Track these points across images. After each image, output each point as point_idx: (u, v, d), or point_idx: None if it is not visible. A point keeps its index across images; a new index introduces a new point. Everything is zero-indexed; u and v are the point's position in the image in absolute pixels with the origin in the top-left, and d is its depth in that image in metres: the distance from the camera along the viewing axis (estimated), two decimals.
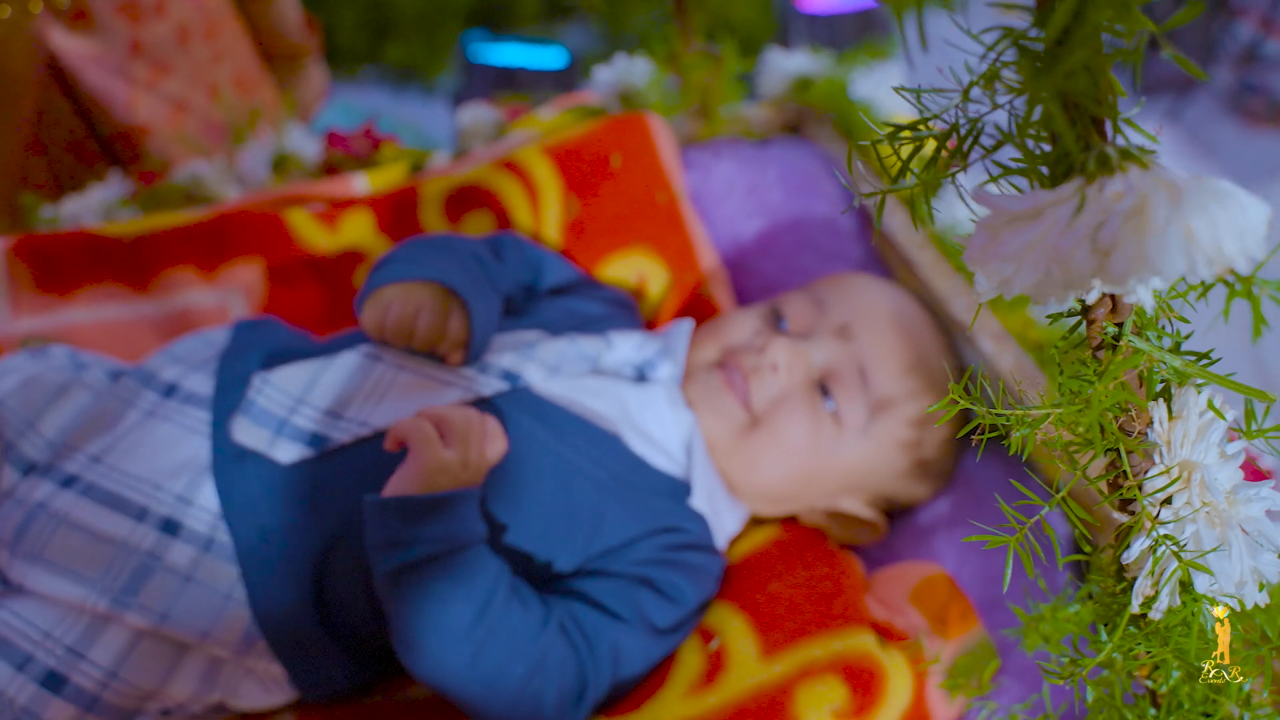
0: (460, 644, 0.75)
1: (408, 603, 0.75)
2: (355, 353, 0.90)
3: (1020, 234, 0.43)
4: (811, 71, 1.41)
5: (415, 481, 0.75)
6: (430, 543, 0.75)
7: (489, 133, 1.34)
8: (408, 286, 0.89)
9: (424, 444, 0.76)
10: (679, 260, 1.14)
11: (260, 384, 0.88)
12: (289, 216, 1.14)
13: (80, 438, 0.88)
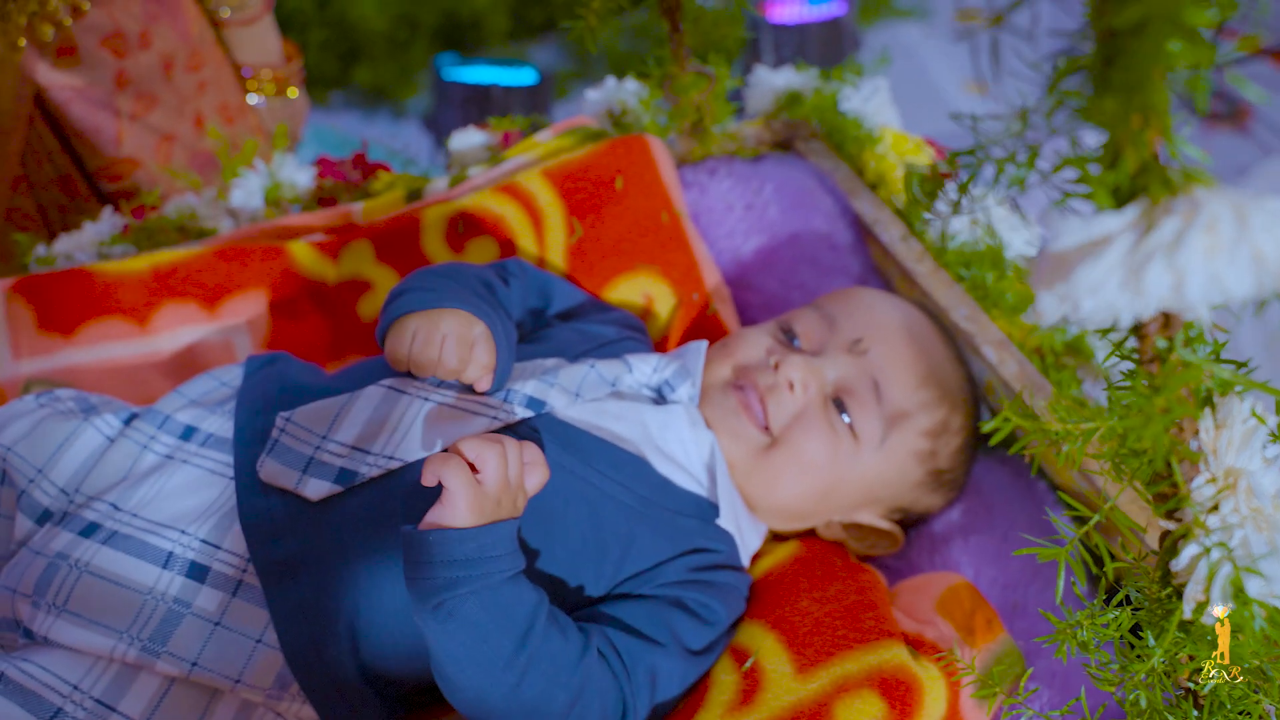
0: (502, 674, 0.75)
1: (448, 634, 0.74)
2: (378, 386, 0.89)
3: (1093, 260, 0.44)
4: (799, 87, 1.42)
5: (454, 514, 0.75)
6: (470, 575, 0.74)
7: (481, 157, 1.34)
8: (430, 315, 0.88)
9: (461, 478, 0.75)
10: (684, 280, 1.14)
11: (283, 423, 0.87)
12: (290, 248, 1.13)
13: (96, 484, 0.87)
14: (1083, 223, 0.45)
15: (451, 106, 2.68)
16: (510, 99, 2.68)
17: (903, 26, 3.81)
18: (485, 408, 0.89)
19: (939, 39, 3.83)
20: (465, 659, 0.75)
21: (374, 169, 1.33)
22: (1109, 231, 0.44)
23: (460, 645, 0.74)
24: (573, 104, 3.14)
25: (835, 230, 1.27)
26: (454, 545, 0.74)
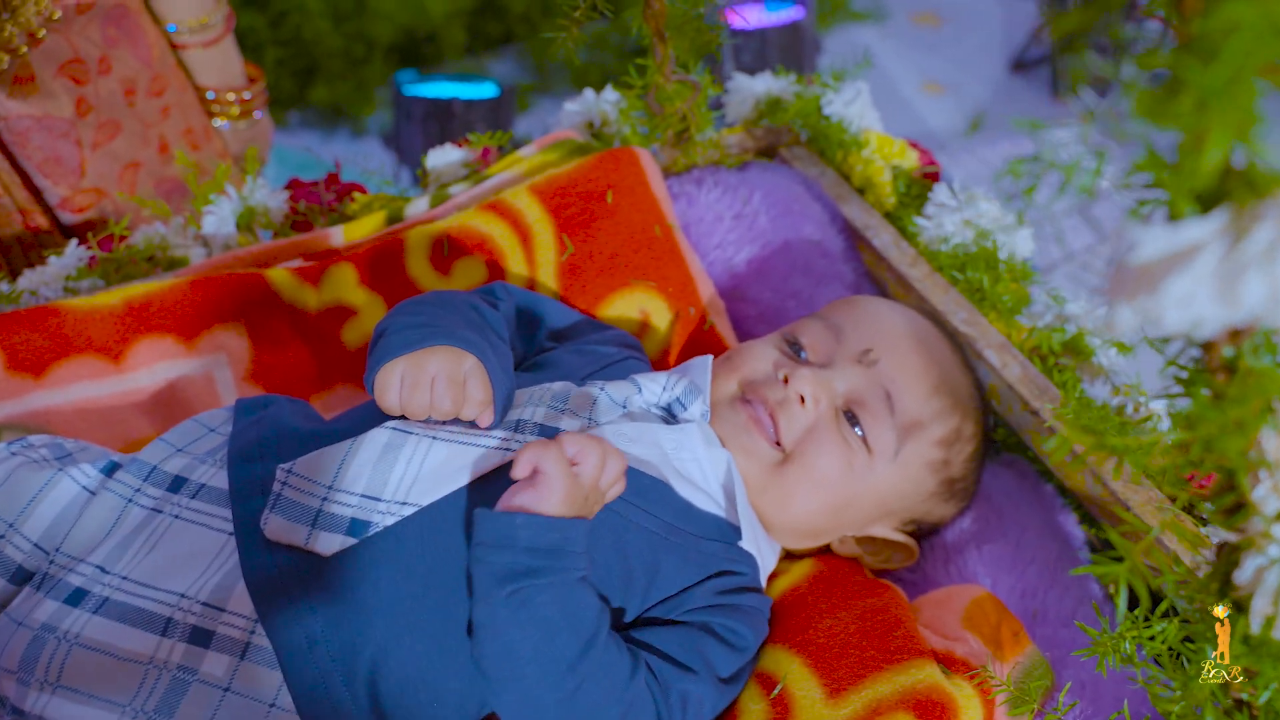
0: (562, 679, 0.73)
1: (517, 624, 0.72)
2: (382, 429, 0.84)
3: (1181, 271, 0.41)
4: (779, 92, 1.40)
5: (548, 501, 0.74)
6: (551, 566, 0.73)
7: (458, 174, 1.30)
8: (416, 357, 0.84)
9: (562, 467, 0.74)
10: (680, 294, 1.11)
11: (285, 475, 0.82)
12: (268, 275, 1.09)
13: (77, 542, 0.81)
14: (1166, 232, 0.43)
15: (412, 123, 2.64)
16: (472, 113, 2.64)
17: (860, 29, 3.82)
18: (496, 441, 0.85)
19: (895, 40, 3.84)
20: (528, 656, 0.73)
21: (348, 190, 1.29)
22: (1196, 240, 0.41)
23: (526, 640, 0.73)
24: (534, 117, 3.10)
25: (826, 237, 1.25)
26: (542, 531, 0.73)
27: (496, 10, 3.09)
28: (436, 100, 2.61)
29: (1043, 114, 3.55)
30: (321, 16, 2.69)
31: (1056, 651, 0.94)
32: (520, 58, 3.24)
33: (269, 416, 0.88)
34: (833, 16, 3.75)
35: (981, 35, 3.87)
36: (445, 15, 2.92)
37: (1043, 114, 3.55)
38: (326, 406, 1.08)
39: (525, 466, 0.75)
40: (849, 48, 3.71)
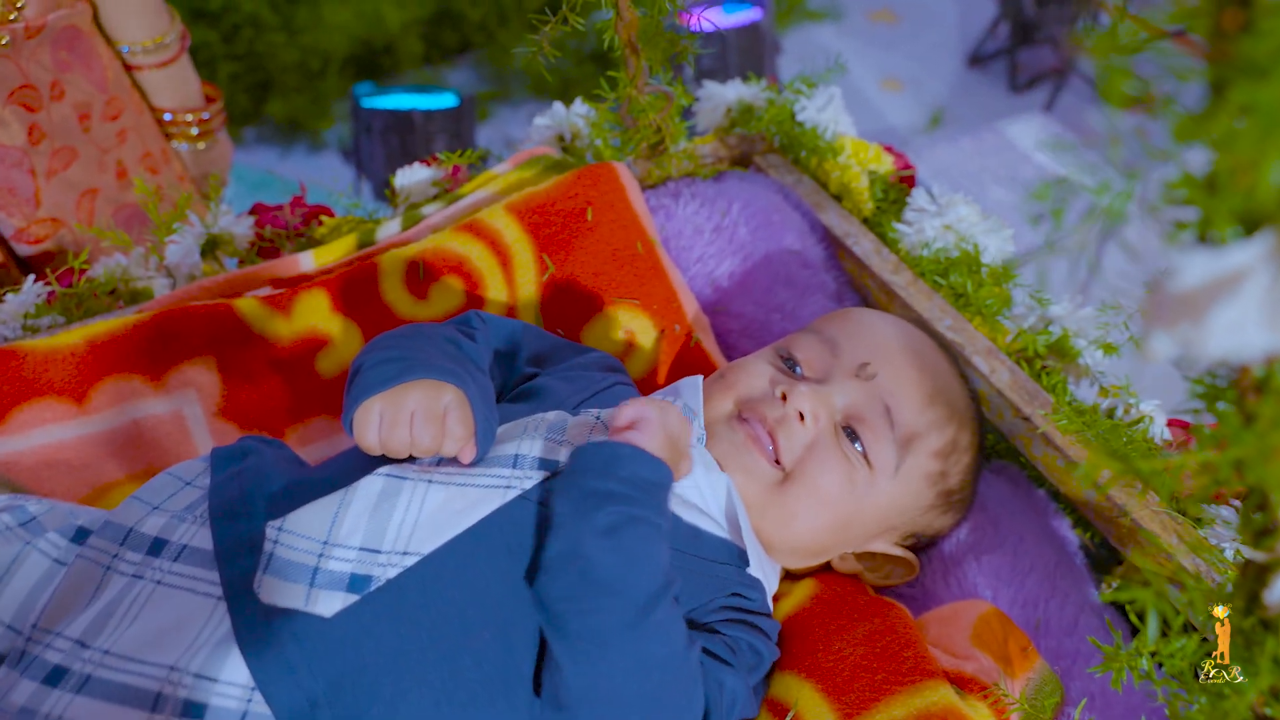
0: (636, 619, 0.74)
1: (600, 553, 0.73)
2: (375, 477, 0.80)
3: (1229, 298, 0.39)
4: (750, 99, 1.38)
5: (649, 439, 0.78)
6: (644, 500, 0.76)
7: (427, 192, 1.26)
8: (393, 394, 0.80)
9: (658, 414, 0.80)
10: (665, 311, 1.09)
11: (275, 533, 0.78)
12: (237, 306, 1.05)
13: (53, 617, 0.77)
14: (1209, 257, 0.41)
15: (372, 136, 2.59)
16: (432, 124, 2.60)
17: (817, 28, 3.83)
18: (495, 478, 0.82)
19: (853, 38, 3.85)
20: (608, 584, 0.74)
21: (315, 213, 1.25)
22: (1242, 265, 0.40)
23: (611, 567, 0.74)
24: (495, 126, 3.07)
25: (807, 247, 1.23)
26: (644, 466, 0.77)
27: (453, 19, 3.06)
28: (396, 112, 2.57)
29: (1001, 107, 3.57)
30: (275, 30, 2.64)
31: (1063, 663, 0.93)
32: (478, 66, 3.20)
33: (249, 468, 0.83)
34: (790, 16, 3.76)
35: (938, 31, 3.89)
36: (401, 25, 2.88)
37: (1001, 107, 3.57)
38: (303, 439, 1.05)
39: (627, 416, 0.80)
40: (807, 47, 3.71)
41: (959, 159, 3.26)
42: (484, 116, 3.01)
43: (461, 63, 3.17)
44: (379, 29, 2.84)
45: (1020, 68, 3.61)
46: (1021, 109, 3.53)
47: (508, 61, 3.11)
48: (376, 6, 2.84)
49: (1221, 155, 0.42)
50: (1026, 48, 3.61)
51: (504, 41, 3.16)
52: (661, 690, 0.74)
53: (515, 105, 3.11)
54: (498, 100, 3.07)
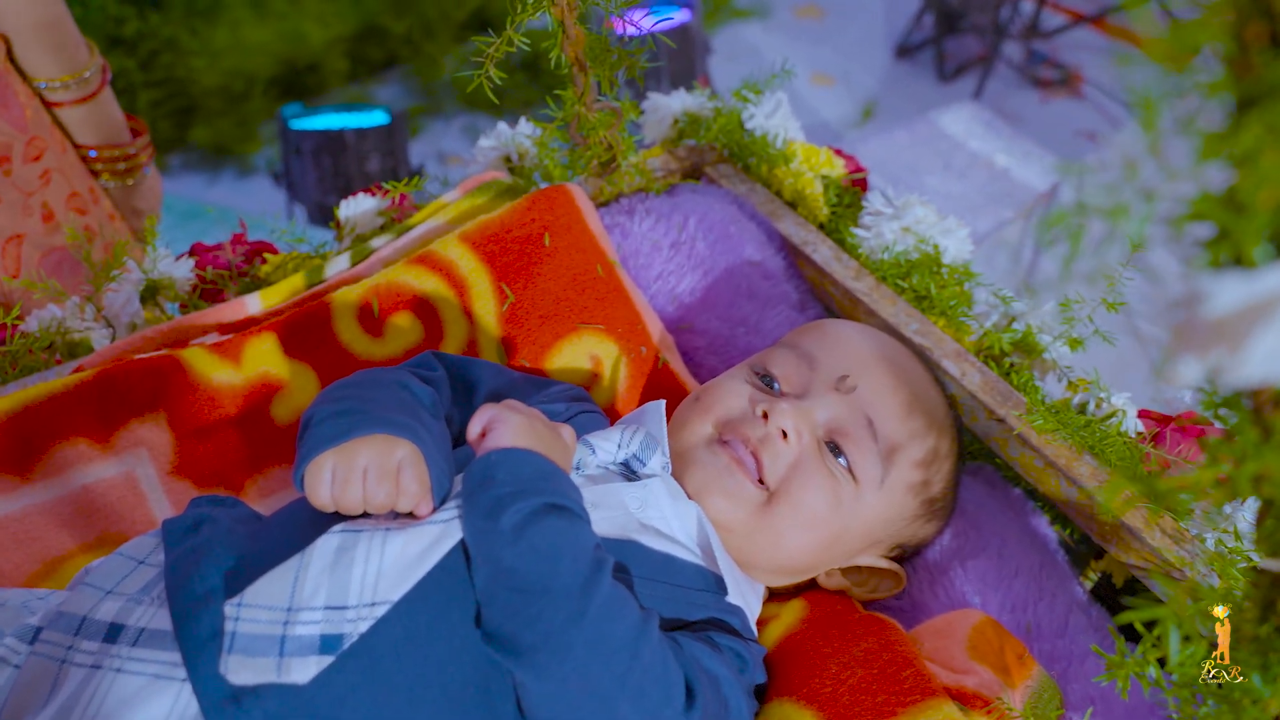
0: (577, 605, 0.72)
1: (517, 560, 0.72)
2: (331, 535, 0.77)
3: (1267, 323, 0.38)
4: (696, 109, 1.36)
5: (504, 437, 0.78)
6: (535, 489, 0.74)
7: (373, 223, 1.22)
8: (344, 450, 0.77)
9: (505, 411, 0.79)
10: (630, 334, 1.06)
11: (235, 610, 0.74)
12: (184, 356, 1.00)
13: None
14: (1241, 281, 0.39)
15: (303, 158, 2.53)
16: (364, 143, 2.54)
17: (744, 26, 3.83)
18: (453, 512, 0.79)
19: (780, 34, 3.86)
20: (539, 587, 0.72)
21: (257, 250, 1.21)
22: (1278, 289, 0.38)
23: (532, 570, 0.72)
24: (427, 140, 3.02)
25: (766, 257, 1.21)
26: (517, 458, 0.76)
27: (377, 34, 3.00)
28: (326, 132, 2.51)
29: (931, 97, 3.60)
30: (195, 54, 2.56)
31: (1058, 666, 0.92)
32: (406, 80, 3.15)
33: (203, 542, 0.79)
34: (717, 16, 3.75)
35: (864, 24, 3.91)
36: (325, 43, 2.82)
37: (931, 97, 3.60)
38: (263, 490, 1.00)
39: (476, 425, 0.79)
40: (737, 46, 3.71)
41: (894, 151, 3.28)
42: (416, 132, 2.96)
43: (389, 78, 3.12)
44: (302, 48, 2.78)
45: (947, 57, 3.64)
46: (951, 97, 3.56)
47: (436, 74, 3.07)
48: (298, 25, 2.78)
49: (1245, 173, 0.41)
50: (952, 37, 3.65)
51: (431, 54, 3.11)
52: (632, 669, 0.72)
53: (447, 119, 3.06)
54: (429, 114, 3.02)
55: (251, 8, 2.75)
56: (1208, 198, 0.41)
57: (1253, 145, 0.40)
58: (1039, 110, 3.52)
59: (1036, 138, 3.35)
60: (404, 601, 0.74)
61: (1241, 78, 0.39)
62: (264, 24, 2.76)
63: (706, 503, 0.89)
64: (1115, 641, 0.75)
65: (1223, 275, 0.40)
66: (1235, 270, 0.40)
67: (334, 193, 2.56)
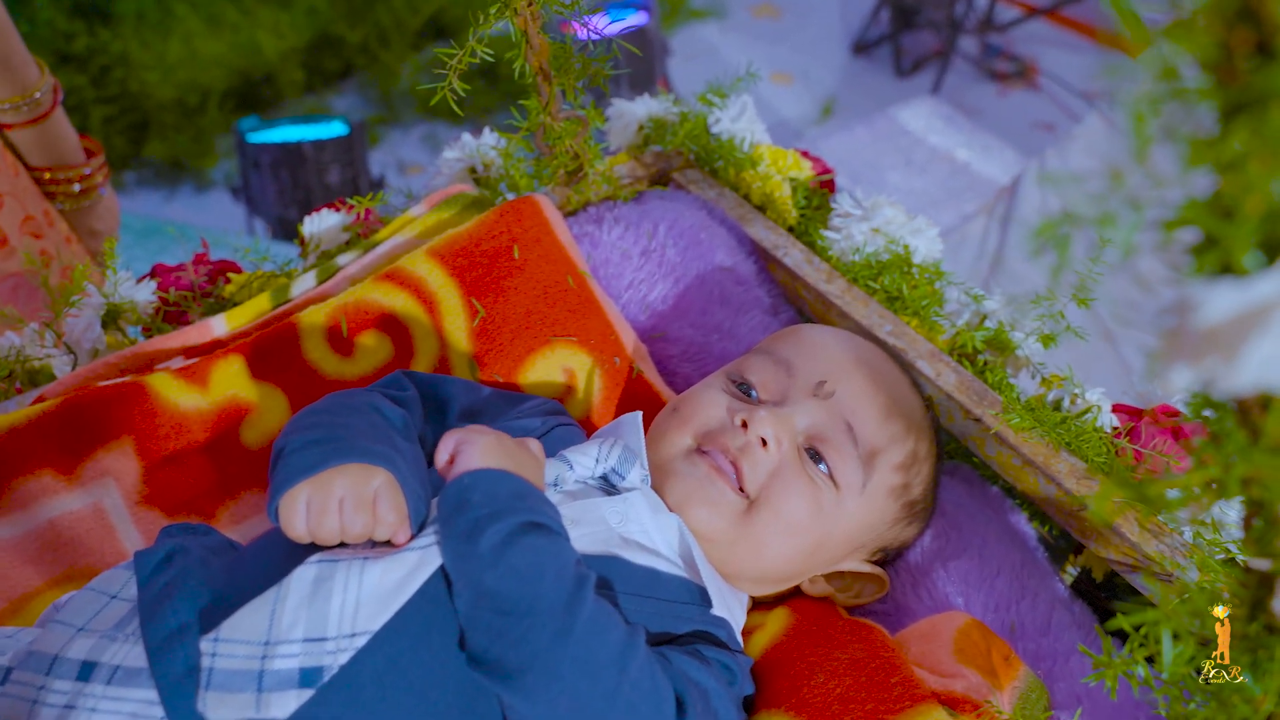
0: (562, 622, 0.71)
1: (498, 582, 0.71)
2: (307, 566, 0.75)
3: (1263, 331, 0.37)
4: (661, 114, 1.35)
5: (473, 459, 0.76)
6: (511, 508, 0.74)
7: (338, 239, 1.20)
8: (319, 480, 0.76)
9: (470, 434, 0.78)
10: (603, 345, 1.05)
11: (212, 646, 0.72)
12: (149, 382, 0.98)
13: None
14: (1235, 289, 0.39)
15: (261, 171, 2.50)
16: (323, 154, 2.52)
17: (701, 27, 3.83)
18: (431, 538, 0.77)
19: (738, 34, 3.86)
20: (523, 608, 0.70)
21: (221, 270, 1.18)
22: (1272, 297, 0.38)
23: (515, 590, 0.71)
24: (386, 150, 3.00)
25: (737, 262, 1.21)
26: (489, 478, 0.75)
27: (333, 44, 2.97)
28: (285, 145, 2.48)
29: (890, 93, 3.62)
30: (147, 68, 2.52)
31: (1043, 665, 0.92)
32: (363, 90, 3.13)
33: (176, 576, 0.77)
34: (674, 17, 3.75)
35: (820, 21, 3.93)
36: (280, 54, 2.78)
37: (890, 93, 3.62)
38: (235, 517, 0.98)
39: (444, 453, 0.78)
40: (695, 47, 3.72)
41: (855, 148, 3.29)
42: (375, 141, 2.94)
43: (345, 88, 3.09)
44: (257, 59, 2.74)
45: (904, 52, 3.66)
46: (909, 93, 3.58)
47: (393, 83, 3.04)
48: (252, 36, 2.74)
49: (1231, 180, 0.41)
50: (908, 32, 3.67)
51: (387, 63, 3.08)
52: (621, 685, 0.71)
53: (406, 128, 3.04)
54: (387, 124, 3.00)
55: (204, 20, 2.71)
56: (1196, 204, 0.41)
57: (1239, 152, 0.39)
58: (997, 103, 3.55)
59: (995, 130, 3.38)
60: (384, 631, 0.73)
61: (1227, 84, 0.39)
62: (217, 36, 2.73)
63: (688, 514, 0.88)
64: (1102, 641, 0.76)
65: (1215, 284, 0.39)
66: (1227, 278, 0.40)
67: (294, 206, 2.53)
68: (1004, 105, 3.57)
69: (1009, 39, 3.75)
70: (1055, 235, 0.43)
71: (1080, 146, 2.25)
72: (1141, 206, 0.43)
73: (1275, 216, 0.39)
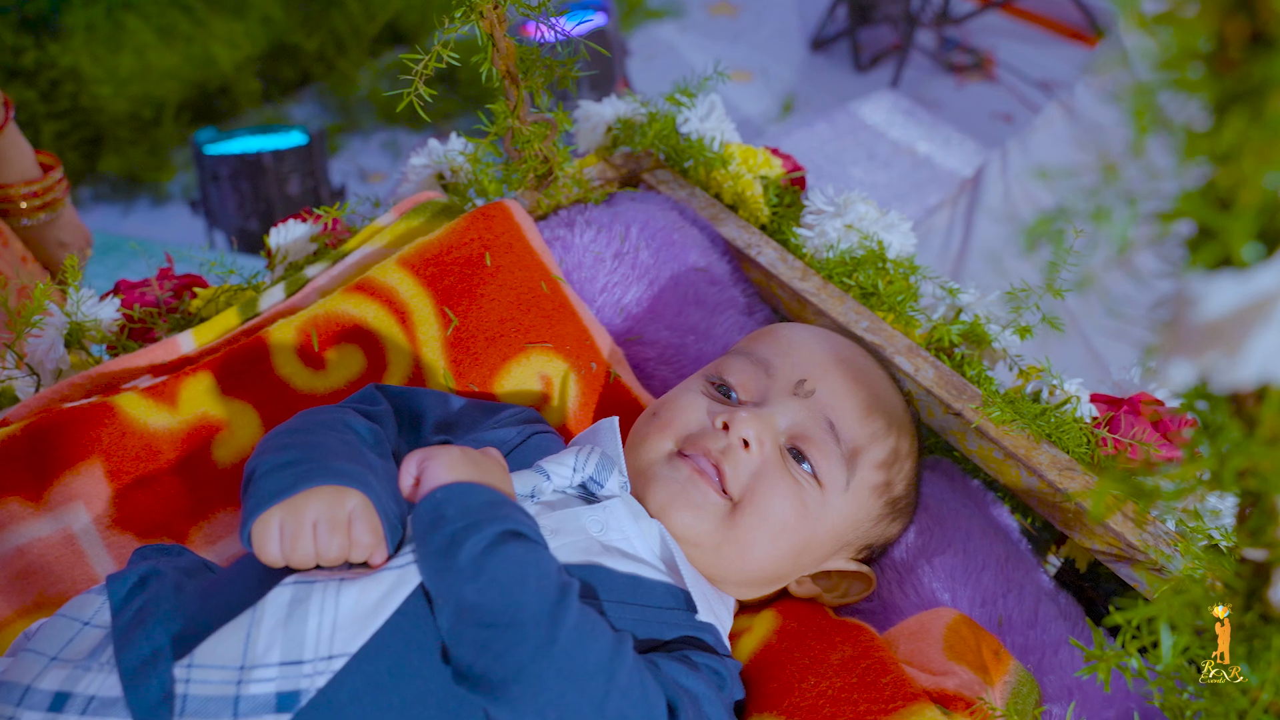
0: (547, 631, 0.70)
1: (479, 595, 0.70)
2: (283, 588, 0.74)
3: (1265, 324, 0.37)
4: (629, 115, 1.35)
5: (441, 473, 0.75)
6: (489, 518, 0.72)
7: (306, 250, 1.18)
8: (292, 504, 0.75)
9: (434, 449, 0.77)
10: (579, 351, 1.04)
11: (185, 672, 0.70)
12: (116, 402, 0.96)
13: None
14: (1235, 282, 0.38)
15: (220, 183, 2.46)
16: (283, 165, 2.48)
17: (659, 26, 3.82)
18: (408, 557, 0.76)
19: (696, 33, 3.86)
20: (506, 619, 0.69)
21: (187, 284, 1.16)
22: (1274, 288, 0.37)
23: (497, 601, 0.70)
24: (347, 158, 2.96)
25: (711, 262, 1.20)
26: (462, 491, 0.74)
27: (289, 53, 2.93)
28: (243, 156, 2.45)
29: (849, 88, 3.63)
30: (99, 82, 2.47)
31: (1032, 658, 0.92)
32: (321, 98, 3.09)
33: (150, 601, 0.75)
34: (632, 17, 3.74)
35: (778, 19, 3.94)
36: (235, 65, 2.74)
37: (849, 88, 3.63)
38: (209, 537, 0.96)
39: (408, 477, 0.77)
40: (654, 47, 3.71)
41: (817, 143, 3.30)
42: (335, 150, 2.90)
43: (303, 96, 3.05)
44: (212, 71, 2.70)
45: (862, 47, 3.68)
46: (869, 87, 3.60)
47: (351, 91, 3.01)
48: (206, 47, 2.70)
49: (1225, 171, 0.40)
50: (866, 27, 3.68)
51: (344, 70, 3.05)
52: (611, 694, 0.70)
53: (366, 135, 3.01)
54: (347, 132, 2.97)
55: (156, 32, 2.66)
56: (1193, 196, 0.41)
57: (1234, 143, 0.39)
58: (955, 95, 3.57)
59: (955, 123, 3.40)
60: (362, 652, 0.72)
61: (1222, 75, 0.38)
62: (170, 48, 2.68)
63: (671, 519, 0.87)
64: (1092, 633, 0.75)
65: (1215, 277, 0.39)
66: (1227, 271, 0.39)
67: (255, 217, 2.49)
68: (962, 97, 3.59)
69: (965, 31, 3.78)
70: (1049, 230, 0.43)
71: (1042, 137, 2.27)
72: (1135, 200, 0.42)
73: (1273, 207, 0.39)
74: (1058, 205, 0.44)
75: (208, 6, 2.77)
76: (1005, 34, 3.80)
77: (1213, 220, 0.40)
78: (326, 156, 2.59)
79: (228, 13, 2.81)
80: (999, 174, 2.31)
